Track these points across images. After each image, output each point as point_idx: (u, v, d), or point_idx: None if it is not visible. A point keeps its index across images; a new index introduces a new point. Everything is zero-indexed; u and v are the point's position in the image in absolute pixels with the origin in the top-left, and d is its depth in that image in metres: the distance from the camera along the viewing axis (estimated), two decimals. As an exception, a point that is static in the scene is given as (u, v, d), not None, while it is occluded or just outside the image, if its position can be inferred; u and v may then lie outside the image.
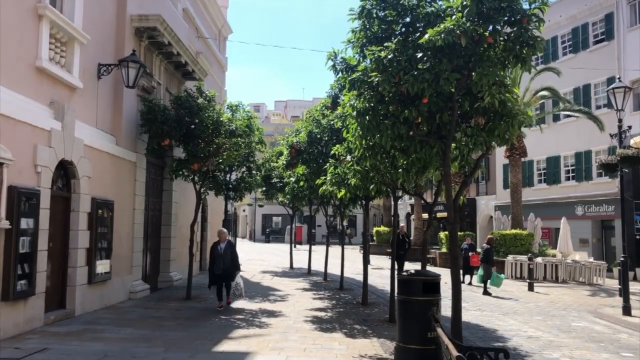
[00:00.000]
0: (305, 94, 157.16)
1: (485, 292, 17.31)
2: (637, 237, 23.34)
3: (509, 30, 7.10)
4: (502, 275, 17.98)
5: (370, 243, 36.79)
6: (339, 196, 10.80)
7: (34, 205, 8.94)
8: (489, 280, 17.53)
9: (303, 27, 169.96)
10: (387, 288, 13.45)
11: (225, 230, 13.00)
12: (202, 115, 13.28)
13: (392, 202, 12.30)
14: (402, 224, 18.84)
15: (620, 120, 14.58)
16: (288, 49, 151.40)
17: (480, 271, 17.91)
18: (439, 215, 33.47)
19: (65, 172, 10.55)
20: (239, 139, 14.02)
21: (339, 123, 11.89)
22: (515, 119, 7.37)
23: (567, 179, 29.33)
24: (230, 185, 16.90)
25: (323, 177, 11.30)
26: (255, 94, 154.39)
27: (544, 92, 25.74)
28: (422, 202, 15.46)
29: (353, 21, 7.99)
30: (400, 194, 11.53)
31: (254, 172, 17.67)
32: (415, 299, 7.09)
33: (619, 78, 15.53)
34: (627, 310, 13.31)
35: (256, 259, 31.04)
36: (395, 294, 8.10)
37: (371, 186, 9.86)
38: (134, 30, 13.28)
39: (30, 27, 9.08)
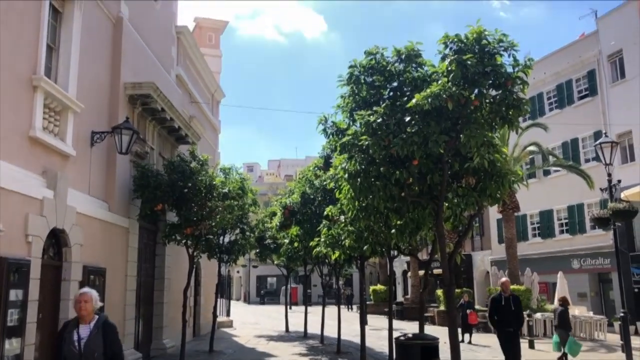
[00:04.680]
0: (298, 153, 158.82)
1: None
2: (636, 290, 23.16)
3: (494, 93, 7.28)
4: (581, 343, 14.78)
5: (367, 302, 36.29)
6: (333, 258, 10.75)
7: (24, 276, 8.79)
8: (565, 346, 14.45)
9: (295, 88, 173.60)
10: (386, 350, 13.14)
11: (90, 292, 5.75)
12: (195, 179, 13.34)
13: (388, 262, 12.21)
14: (505, 278, 12.47)
15: (609, 175, 14.74)
16: (280, 111, 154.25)
17: (555, 338, 14.86)
18: (435, 272, 33.20)
19: (56, 240, 10.45)
20: (232, 201, 14.04)
21: (332, 184, 11.97)
22: (505, 179, 7.46)
23: (561, 232, 29.34)
24: (224, 248, 16.77)
25: (317, 239, 11.28)
26: (248, 153, 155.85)
27: (533, 148, 26.12)
28: (418, 260, 15.36)
29: (342, 87, 8.20)
30: (395, 253, 11.46)
31: (247, 233, 17.59)
32: (413, 364, 6.94)
33: (605, 133, 15.81)
34: (630, 367, 13.04)
35: (251, 322, 30.41)
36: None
37: (365, 246, 9.83)
38: (128, 97, 13.50)
39: (24, 98, 9.22)
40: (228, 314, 30.02)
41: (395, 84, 8.03)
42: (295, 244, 14.57)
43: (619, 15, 26.12)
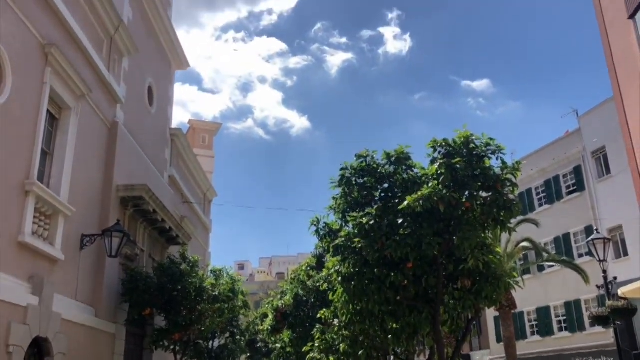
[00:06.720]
0: (289, 250, 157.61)
1: None
2: (643, 391, 22.20)
3: (484, 194, 7.35)
4: None
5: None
6: (327, 365, 10.33)
7: (1, 390, 8.32)
8: None
9: (282, 184, 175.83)
10: None
11: None
12: (185, 281, 13.09)
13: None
14: None
15: (604, 272, 14.56)
16: (271, 209, 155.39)
17: None
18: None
19: (39, 349, 9.98)
20: (223, 304, 13.69)
21: (325, 285, 11.75)
22: (500, 281, 7.35)
23: (560, 329, 28.58)
24: (213, 354, 16.12)
25: (310, 344, 10.91)
26: (239, 251, 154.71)
27: (526, 244, 26.02)
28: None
29: (334, 189, 8.28)
30: (392, 359, 11.05)
31: (237, 337, 17.00)
32: None
33: (596, 229, 15.83)
34: None
35: None
36: None
37: (361, 352, 9.49)
38: (120, 199, 13.50)
39: (16, 203, 9.17)
40: None
41: (386, 185, 8.13)
42: (288, 349, 14.05)
43: (600, 113, 27.02)
